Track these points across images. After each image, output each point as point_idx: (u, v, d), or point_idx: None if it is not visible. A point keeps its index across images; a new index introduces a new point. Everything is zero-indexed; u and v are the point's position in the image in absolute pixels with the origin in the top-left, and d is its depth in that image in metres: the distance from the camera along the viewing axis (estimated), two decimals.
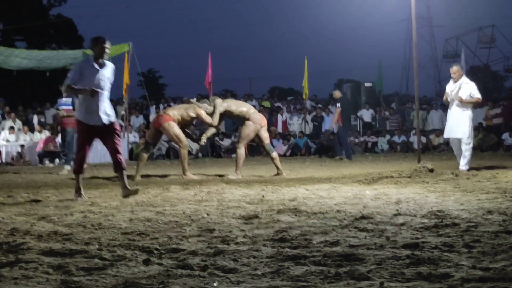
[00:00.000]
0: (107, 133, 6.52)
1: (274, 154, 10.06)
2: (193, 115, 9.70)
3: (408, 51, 42.99)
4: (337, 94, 15.56)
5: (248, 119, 9.74)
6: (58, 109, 12.21)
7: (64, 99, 12.11)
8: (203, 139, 10.17)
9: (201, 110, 9.69)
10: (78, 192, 6.53)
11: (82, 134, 6.53)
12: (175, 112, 9.72)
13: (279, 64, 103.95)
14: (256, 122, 9.74)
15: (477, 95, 9.35)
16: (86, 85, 6.32)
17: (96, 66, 6.45)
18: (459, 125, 9.26)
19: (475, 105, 9.84)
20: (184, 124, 9.88)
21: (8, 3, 32.59)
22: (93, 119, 6.42)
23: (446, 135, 9.71)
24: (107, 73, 6.52)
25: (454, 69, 9.48)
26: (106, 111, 6.49)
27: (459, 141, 9.37)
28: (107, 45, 6.47)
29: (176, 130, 9.59)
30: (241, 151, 9.81)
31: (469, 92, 9.26)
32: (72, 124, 12.14)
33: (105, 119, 6.46)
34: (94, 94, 6.27)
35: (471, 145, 9.39)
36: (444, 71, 42.46)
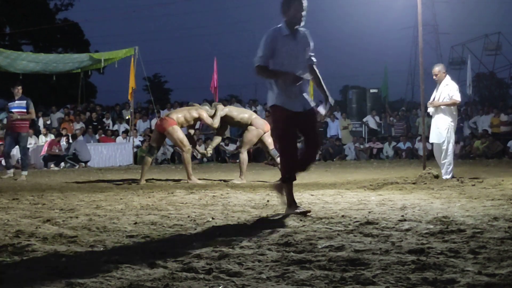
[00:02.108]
0: (308, 122, 5.08)
1: (279, 159, 10.06)
2: (195, 115, 9.76)
3: (414, 58, 43.01)
4: None
5: (250, 125, 9.79)
6: (11, 112, 11.31)
7: (17, 101, 11.37)
8: (209, 150, 10.31)
9: (203, 111, 9.78)
10: (293, 204, 5.14)
11: (286, 123, 4.99)
12: (179, 115, 9.77)
13: None
14: (259, 127, 9.78)
15: (455, 97, 8.89)
16: (280, 63, 4.93)
17: (291, 36, 5.00)
18: (437, 130, 8.95)
19: (455, 107, 9.15)
20: (188, 126, 9.98)
21: (15, 7, 32.76)
22: (294, 104, 5.00)
23: (430, 140, 9.26)
24: (304, 44, 5.08)
25: (436, 69, 9.08)
26: (306, 94, 5.11)
27: (439, 147, 9.05)
28: (306, 4, 4.96)
29: (180, 134, 9.63)
30: (244, 155, 9.87)
31: (448, 93, 8.88)
32: (27, 128, 11.62)
33: (307, 104, 5.06)
34: (297, 81, 4.93)
35: (450, 152, 8.98)
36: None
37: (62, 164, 16.28)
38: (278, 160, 10.01)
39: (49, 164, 16.06)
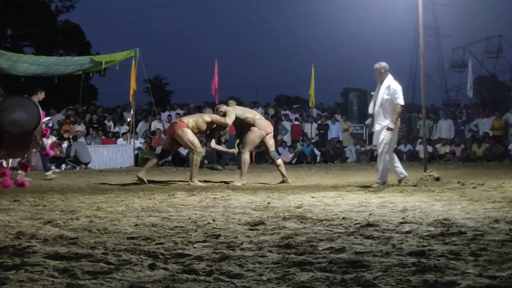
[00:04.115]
0: None
1: (279, 161, 10.08)
2: (208, 119, 9.77)
3: (415, 60, 43.03)
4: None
5: (253, 125, 9.79)
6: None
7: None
8: (234, 150, 10.43)
9: (215, 114, 9.85)
10: None
11: None
12: (190, 119, 9.80)
13: (285, 72, 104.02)
14: (262, 129, 9.78)
15: (399, 100, 8.26)
16: None
17: None
18: (377, 133, 8.58)
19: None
20: (201, 131, 9.92)
21: (16, 9, 32.80)
22: None
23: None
24: None
25: (375, 67, 8.47)
26: None
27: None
28: None
29: (190, 136, 9.64)
30: (246, 156, 9.84)
31: (390, 96, 8.28)
32: None
33: None
34: None
35: (385, 156, 8.50)
36: (451, 80, 42.47)
37: (63, 166, 16.27)
38: (278, 162, 10.04)
39: (50, 165, 16.04)
